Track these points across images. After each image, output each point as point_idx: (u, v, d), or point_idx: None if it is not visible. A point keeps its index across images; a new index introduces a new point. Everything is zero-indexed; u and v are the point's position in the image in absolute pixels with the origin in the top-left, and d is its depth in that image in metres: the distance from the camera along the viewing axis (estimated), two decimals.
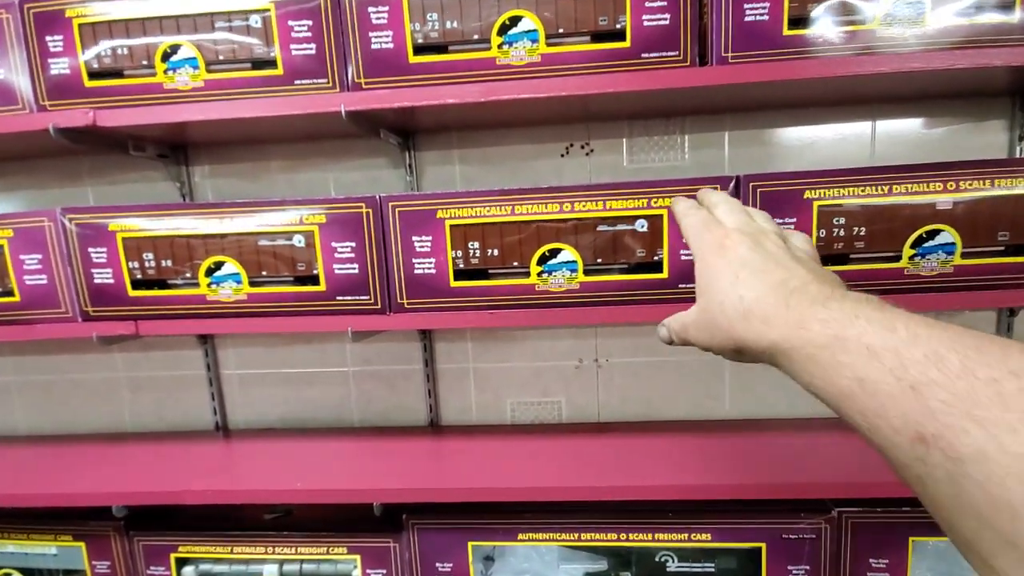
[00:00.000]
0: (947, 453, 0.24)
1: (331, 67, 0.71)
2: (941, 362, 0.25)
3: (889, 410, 0.26)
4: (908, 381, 0.26)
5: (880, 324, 0.29)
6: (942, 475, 0.24)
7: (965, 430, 0.23)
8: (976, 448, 0.23)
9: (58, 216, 0.74)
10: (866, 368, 0.28)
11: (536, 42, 0.68)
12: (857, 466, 0.79)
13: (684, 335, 0.43)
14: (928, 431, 0.25)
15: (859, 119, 0.88)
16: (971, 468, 0.23)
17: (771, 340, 0.33)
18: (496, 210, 0.69)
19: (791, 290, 0.34)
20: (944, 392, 0.25)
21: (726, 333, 0.37)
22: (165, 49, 0.72)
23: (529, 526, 0.82)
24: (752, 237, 0.39)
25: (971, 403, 0.24)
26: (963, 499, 0.24)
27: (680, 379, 0.97)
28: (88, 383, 1.07)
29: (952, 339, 0.26)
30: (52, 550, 0.91)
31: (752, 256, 0.38)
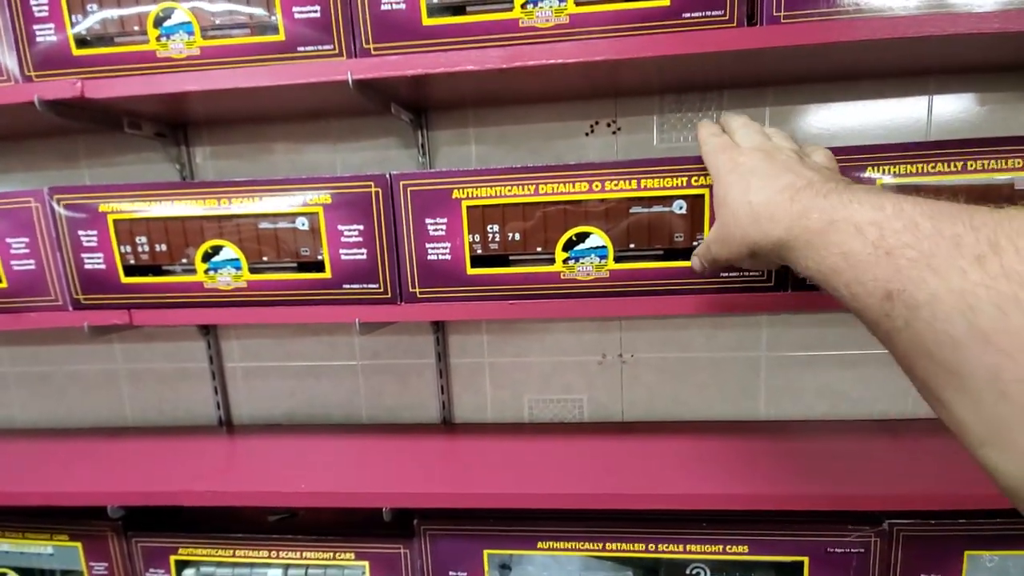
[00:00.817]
0: (907, 303, 0.27)
1: (337, 32, 0.64)
2: (916, 228, 0.28)
3: (866, 275, 0.30)
4: (884, 248, 0.29)
5: (870, 204, 0.32)
6: (901, 324, 0.28)
7: (923, 279, 0.26)
8: (930, 293, 0.26)
9: (46, 197, 0.69)
10: (851, 243, 0.31)
11: (564, 1, 0.61)
12: (907, 474, 0.72)
13: (708, 255, 0.47)
14: (894, 287, 0.28)
15: (914, 93, 0.80)
16: (924, 311, 0.26)
17: (777, 235, 0.37)
18: (518, 189, 0.62)
19: (797, 189, 0.37)
20: (912, 251, 0.27)
21: (740, 239, 0.40)
22: (157, 13, 0.66)
23: (549, 534, 0.76)
24: (765, 152, 0.43)
25: (932, 256, 0.26)
26: (916, 341, 0.27)
27: (712, 376, 0.91)
28: (87, 375, 1.02)
29: (933, 209, 0.29)
30: (48, 550, 0.86)
31: (762, 165, 0.41)
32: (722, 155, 0.45)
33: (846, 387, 0.89)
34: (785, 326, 0.88)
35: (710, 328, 0.89)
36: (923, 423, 0.87)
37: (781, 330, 0.88)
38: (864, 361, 0.88)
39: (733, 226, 0.41)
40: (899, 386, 0.88)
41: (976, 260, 0.24)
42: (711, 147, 0.47)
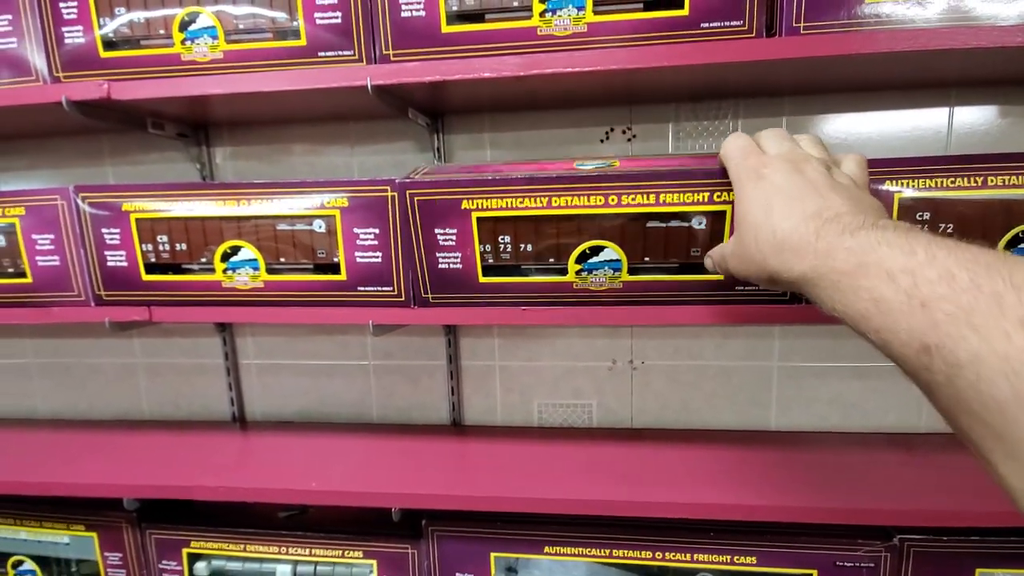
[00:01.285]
0: (947, 360, 0.26)
1: (357, 38, 0.65)
2: (952, 279, 0.27)
3: (899, 325, 0.29)
4: (919, 299, 0.28)
5: (900, 248, 0.30)
6: (943, 380, 0.27)
7: (964, 337, 0.25)
8: (972, 353, 0.25)
9: (71, 194, 0.70)
10: (882, 289, 0.30)
11: (583, 10, 0.61)
12: (919, 489, 0.71)
13: (724, 265, 0.45)
14: (932, 341, 0.27)
15: (934, 105, 0.79)
16: (967, 371, 0.25)
17: (800, 271, 0.35)
18: (530, 202, 0.60)
19: (824, 221, 0.35)
20: (950, 305, 0.26)
21: (759, 265, 0.39)
22: (183, 17, 0.67)
23: (556, 539, 0.76)
24: (792, 163, 0.40)
25: (972, 313, 0.25)
26: (960, 399, 0.26)
27: (723, 385, 0.90)
28: (106, 368, 1.04)
29: (968, 258, 0.28)
30: (65, 539, 0.88)
31: (787, 183, 0.38)
32: (744, 161, 0.42)
33: (859, 399, 0.88)
34: (798, 336, 0.87)
35: (721, 337, 0.89)
36: (937, 438, 0.86)
37: (794, 340, 0.88)
38: (877, 373, 0.87)
39: (755, 251, 0.39)
40: (913, 399, 0.87)
41: (1020, 324, 0.24)
42: (733, 149, 0.45)
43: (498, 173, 0.59)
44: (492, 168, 0.63)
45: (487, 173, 0.60)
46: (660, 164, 0.58)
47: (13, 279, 0.74)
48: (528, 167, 0.62)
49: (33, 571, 0.91)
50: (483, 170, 0.62)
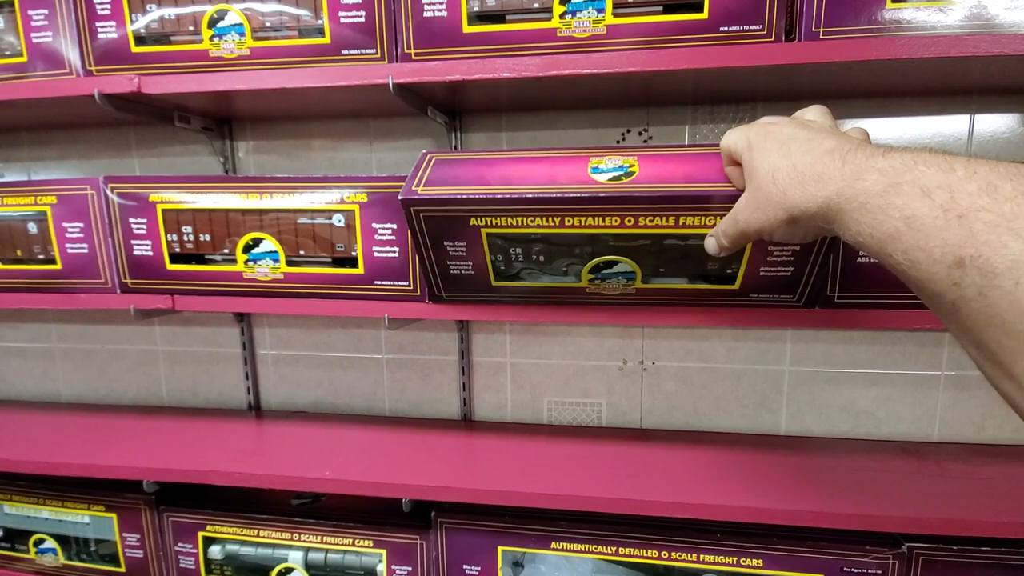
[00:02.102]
0: (982, 269, 0.25)
1: (380, 37, 0.67)
2: (994, 191, 0.26)
3: (932, 240, 0.28)
4: (956, 211, 0.27)
5: (938, 166, 0.29)
6: (973, 293, 0.26)
7: (1003, 243, 0.25)
8: (1012, 258, 0.24)
9: (100, 185, 0.73)
10: (916, 206, 0.29)
11: (602, 12, 0.62)
12: (928, 497, 0.71)
13: (734, 227, 0.43)
14: (967, 252, 0.26)
15: (955, 111, 0.78)
16: (1003, 279, 0.24)
17: (825, 197, 0.34)
18: (542, 221, 0.55)
19: (847, 151, 0.35)
20: (990, 214, 0.26)
21: (778, 203, 0.38)
22: (212, 15, 0.69)
23: (563, 535, 0.77)
24: (800, 122, 0.41)
25: (1014, 219, 0.25)
26: (991, 312, 0.25)
27: (733, 388, 0.90)
28: (128, 354, 1.07)
29: (1011, 171, 0.27)
30: (85, 519, 0.91)
31: (800, 132, 0.39)
32: (754, 128, 0.42)
33: (871, 406, 0.88)
34: (810, 342, 0.87)
35: (732, 340, 0.89)
36: (949, 448, 0.86)
37: (805, 345, 0.87)
38: (891, 381, 0.87)
39: (772, 189, 0.38)
40: (926, 408, 0.87)
41: None
42: (737, 129, 0.45)
43: (508, 184, 0.52)
44: (501, 167, 0.55)
45: (495, 181, 0.53)
46: (680, 172, 0.51)
47: (43, 265, 0.77)
48: (540, 165, 0.54)
49: (54, 549, 0.94)
50: (493, 169, 0.55)
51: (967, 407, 0.86)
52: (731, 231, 0.44)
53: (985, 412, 0.85)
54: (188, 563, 0.88)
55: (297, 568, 0.85)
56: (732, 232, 0.44)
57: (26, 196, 0.75)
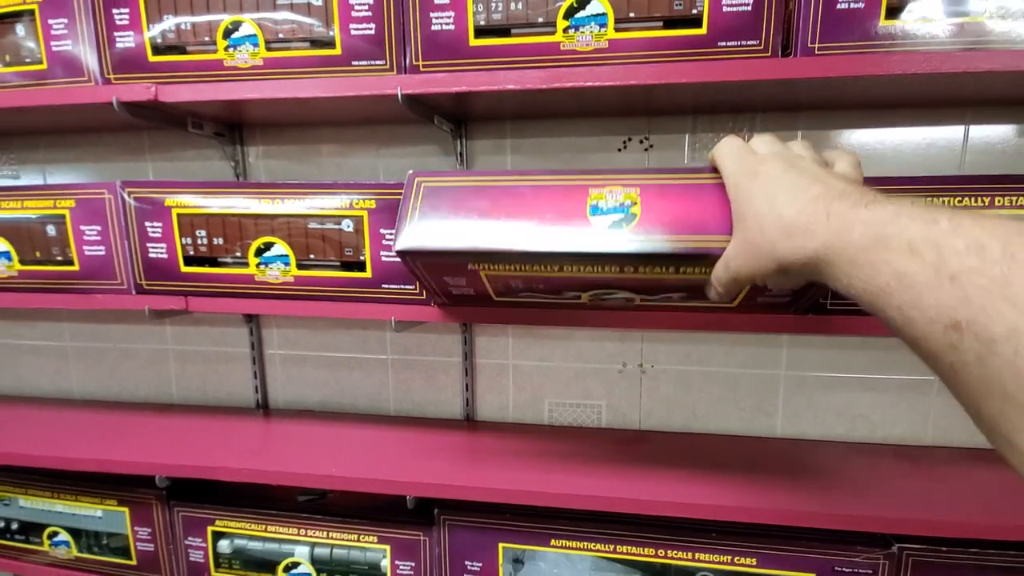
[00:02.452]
0: (979, 336, 0.25)
1: (389, 48, 0.69)
2: (982, 250, 0.25)
3: (926, 300, 0.27)
4: (947, 272, 0.26)
5: (922, 219, 0.29)
6: (972, 359, 0.25)
7: (999, 311, 0.24)
8: (1008, 327, 0.24)
9: (118, 189, 0.75)
10: (906, 263, 0.28)
11: (604, 27, 0.64)
12: (920, 499, 0.72)
13: (727, 274, 0.43)
14: (963, 316, 0.25)
15: (949, 122, 0.80)
16: (1001, 347, 0.24)
17: (813, 249, 0.34)
18: (540, 268, 0.52)
19: (831, 199, 0.34)
20: (982, 278, 0.25)
21: (768, 254, 0.37)
22: (227, 26, 0.71)
23: (563, 533, 0.79)
24: (786, 160, 0.39)
25: (1006, 285, 0.24)
26: (990, 378, 0.25)
27: (730, 391, 0.92)
28: (139, 353, 1.10)
29: (996, 227, 0.26)
30: (98, 513, 0.94)
31: (786, 176, 0.38)
32: (740, 163, 0.41)
33: (866, 410, 0.90)
34: (806, 347, 0.89)
35: (730, 344, 0.91)
36: (942, 451, 0.87)
37: (802, 350, 0.89)
38: (885, 386, 0.88)
39: (760, 239, 0.37)
40: (919, 412, 0.88)
41: None
42: (726, 152, 0.43)
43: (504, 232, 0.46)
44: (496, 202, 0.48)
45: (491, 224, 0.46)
46: (683, 213, 0.46)
47: (61, 266, 0.79)
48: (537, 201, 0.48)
49: (67, 542, 0.96)
50: (487, 204, 0.48)
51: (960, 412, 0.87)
52: (724, 278, 0.43)
53: None
54: (197, 556, 0.90)
55: (303, 562, 0.87)
56: (725, 279, 0.43)
57: (46, 199, 0.78)
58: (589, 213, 0.47)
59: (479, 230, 0.47)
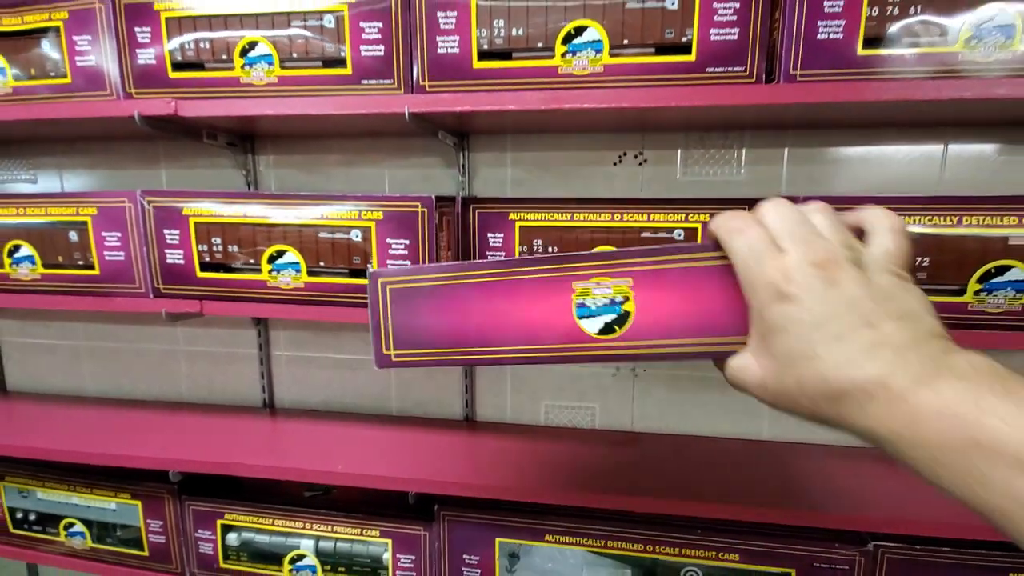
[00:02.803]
0: None
1: (397, 68, 0.73)
2: None
3: None
4: None
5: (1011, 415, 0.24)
6: None
7: None
8: None
9: (138, 198, 0.79)
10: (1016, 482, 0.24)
11: (600, 52, 0.68)
12: (897, 500, 0.76)
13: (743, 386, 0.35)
14: None
15: (930, 141, 0.84)
16: None
17: (870, 427, 0.28)
18: None
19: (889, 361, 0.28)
20: None
21: (810, 411, 0.31)
22: (244, 45, 0.76)
23: (556, 528, 0.83)
24: (821, 270, 0.30)
25: None
26: None
27: (719, 395, 0.96)
28: (151, 353, 1.14)
29: None
30: (112, 505, 0.98)
31: (824, 309, 0.29)
32: (761, 270, 0.31)
33: None
34: None
35: None
36: None
37: None
38: None
39: (800, 396, 0.31)
40: None
41: None
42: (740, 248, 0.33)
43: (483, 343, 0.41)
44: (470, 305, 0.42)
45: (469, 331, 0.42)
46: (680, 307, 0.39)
47: (82, 270, 0.83)
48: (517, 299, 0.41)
49: (82, 533, 1.00)
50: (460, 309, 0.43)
51: None
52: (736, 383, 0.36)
53: None
54: (207, 549, 0.94)
55: (308, 555, 0.91)
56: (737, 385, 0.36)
57: (69, 207, 0.82)
58: (576, 315, 0.40)
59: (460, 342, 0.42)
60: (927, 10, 0.65)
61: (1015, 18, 0.63)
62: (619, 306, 0.41)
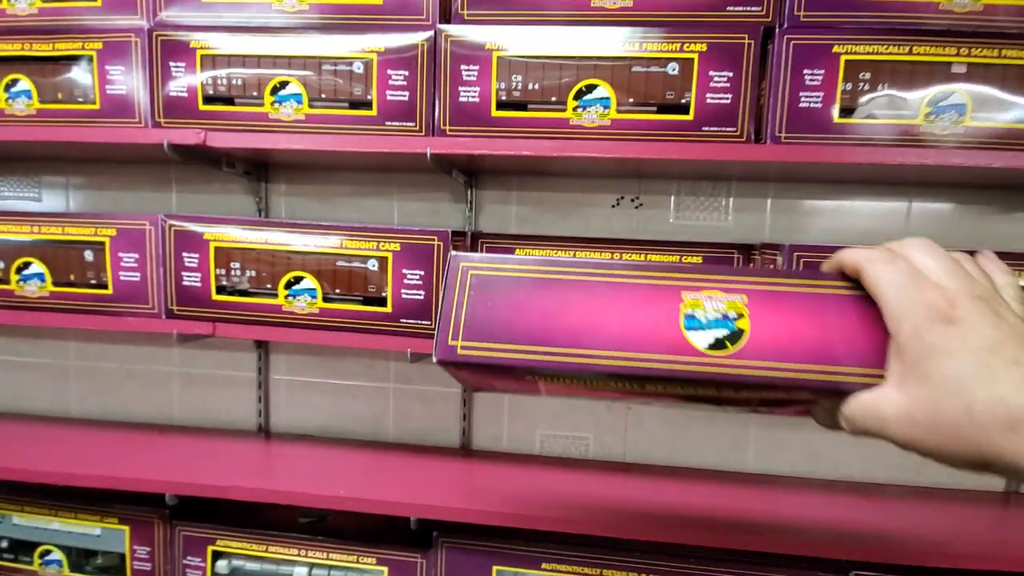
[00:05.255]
0: None
1: (420, 113, 0.79)
2: None
3: None
4: None
5: None
6: None
7: None
8: None
9: (159, 221, 0.82)
10: None
11: (608, 108, 0.75)
12: (876, 530, 0.81)
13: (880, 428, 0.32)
14: None
15: (896, 198, 0.94)
16: None
17: None
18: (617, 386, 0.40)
19: None
20: None
21: (974, 444, 0.28)
22: (275, 83, 0.81)
23: (553, 556, 0.85)
24: (988, 305, 0.29)
25: None
26: None
27: (708, 428, 1.01)
28: (143, 374, 1.13)
29: None
30: (96, 531, 0.95)
31: (1000, 336, 0.28)
32: (919, 295, 0.30)
33: (827, 450, 0.99)
34: None
35: None
36: (895, 488, 0.97)
37: None
38: None
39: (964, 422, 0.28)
40: (874, 453, 0.98)
41: None
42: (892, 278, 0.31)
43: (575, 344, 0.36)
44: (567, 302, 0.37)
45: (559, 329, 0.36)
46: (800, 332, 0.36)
47: (95, 289, 0.85)
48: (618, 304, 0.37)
49: (59, 561, 0.97)
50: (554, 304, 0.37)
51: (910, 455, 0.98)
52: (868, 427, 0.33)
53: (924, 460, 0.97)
54: None
55: None
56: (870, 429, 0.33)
57: (87, 226, 0.84)
58: (684, 326, 0.36)
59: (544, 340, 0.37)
60: (892, 86, 0.74)
61: (965, 98, 0.73)
62: (732, 322, 0.36)
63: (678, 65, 0.74)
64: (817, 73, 0.73)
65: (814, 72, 0.73)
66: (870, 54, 0.73)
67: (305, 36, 0.80)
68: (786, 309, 0.35)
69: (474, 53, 0.76)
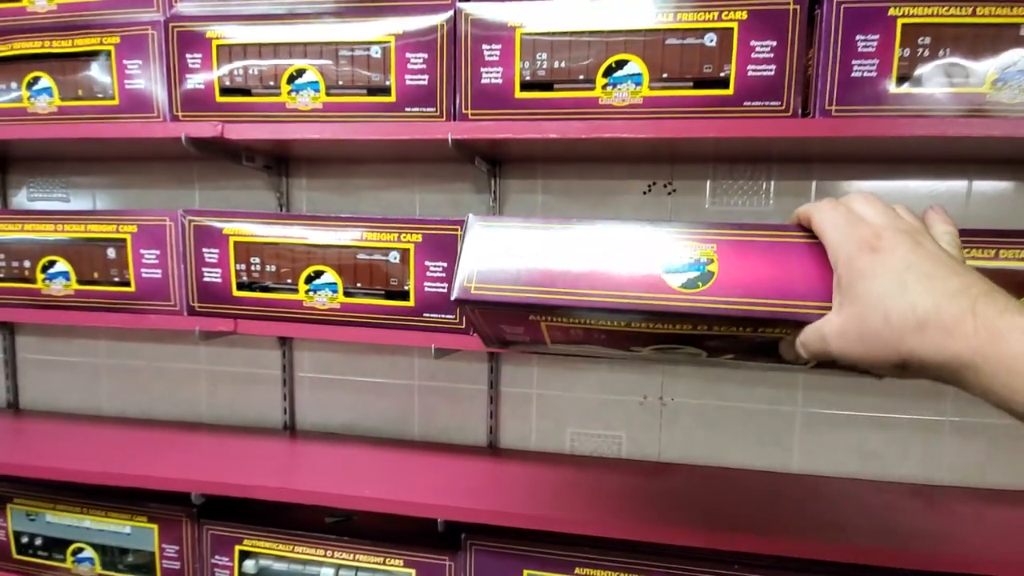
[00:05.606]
0: None
1: (440, 97, 0.75)
2: None
3: None
4: None
5: None
6: None
7: None
8: None
9: (179, 217, 0.80)
10: None
11: (640, 85, 0.71)
12: (936, 536, 0.75)
13: (823, 347, 0.37)
14: None
15: (954, 177, 0.86)
16: None
17: (955, 353, 0.31)
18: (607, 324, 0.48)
19: (974, 297, 0.31)
20: None
21: (892, 346, 0.33)
22: (292, 72, 0.78)
23: (587, 561, 0.81)
24: (909, 236, 0.35)
25: None
26: None
27: (748, 426, 0.96)
28: (172, 372, 1.13)
29: None
30: (126, 529, 0.95)
31: (915, 258, 0.34)
32: (852, 231, 0.36)
33: (879, 448, 0.93)
34: (821, 385, 0.93)
35: (748, 380, 0.94)
36: (956, 491, 0.90)
37: (817, 388, 0.93)
38: (898, 424, 0.92)
39: (883, 327, 0.33)
40: (930, 452, 0.91)
41: None
42: (831, 218, 0.37)
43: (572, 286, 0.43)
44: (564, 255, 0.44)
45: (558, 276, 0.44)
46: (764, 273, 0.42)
47: (118, 287, 0.84)
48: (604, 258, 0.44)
49: (91, 558, 0.98)
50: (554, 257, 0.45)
51: (971, 451, 0.91)
52: (815, 349, 0.38)
53: (988, 457, 0.90)
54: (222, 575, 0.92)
55: None
56: (816, 350, 0.38)
57: (109, 224, 0.83)
58: (662, 270, 0.43)
59: (543, 283, 0.44)
60: (955, 53, 0.67)
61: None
62: (703, 266, 0.43)
63: (716, 35, 0.68)
64: (871, 39, 0.67)
65: (868, 38, 0.67)
66: (930, 16, 0.67)
67: (321, 23, 0.77)
68: (751, 255, 0.42)
69: (496, 32, 0.72)
